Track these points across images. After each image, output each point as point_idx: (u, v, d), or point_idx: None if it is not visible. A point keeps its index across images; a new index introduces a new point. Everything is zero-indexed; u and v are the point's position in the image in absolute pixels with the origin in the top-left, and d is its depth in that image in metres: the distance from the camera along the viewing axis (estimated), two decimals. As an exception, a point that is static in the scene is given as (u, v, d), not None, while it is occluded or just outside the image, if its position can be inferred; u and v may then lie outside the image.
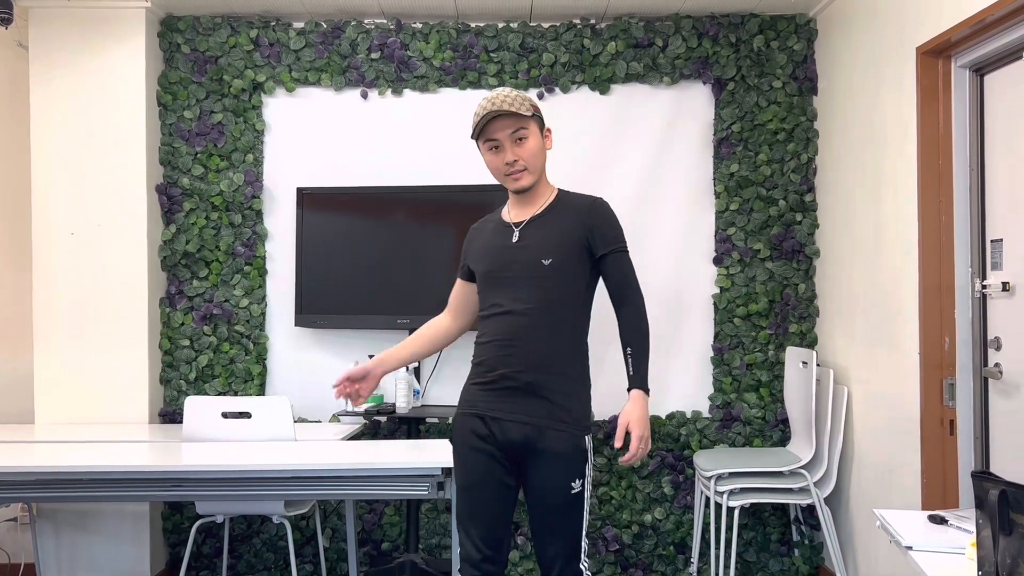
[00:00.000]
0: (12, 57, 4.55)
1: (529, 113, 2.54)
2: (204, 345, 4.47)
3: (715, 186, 4.52)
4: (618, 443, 2.44)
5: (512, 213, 2.68)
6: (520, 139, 2.54)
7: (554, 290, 2.54)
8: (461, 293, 2.83)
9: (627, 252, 2.61)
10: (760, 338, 4.51)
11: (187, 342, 4.47)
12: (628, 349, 2.54)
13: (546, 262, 2.53)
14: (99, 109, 4.30)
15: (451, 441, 2.70)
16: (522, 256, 2.57)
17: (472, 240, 2.77)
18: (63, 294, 4.30)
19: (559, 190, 2.69)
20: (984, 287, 3.18)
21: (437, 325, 2.85)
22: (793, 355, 4.32)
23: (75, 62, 4.29)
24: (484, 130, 2.56)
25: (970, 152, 3.23)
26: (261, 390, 4.51)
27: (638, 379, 2.51)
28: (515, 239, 2.60)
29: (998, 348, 3.10)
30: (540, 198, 2.65)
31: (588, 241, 2.57)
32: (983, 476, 1.83)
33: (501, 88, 2.65)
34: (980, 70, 3.20)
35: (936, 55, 3.27)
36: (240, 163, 4.50)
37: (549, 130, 2.66)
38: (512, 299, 2.55)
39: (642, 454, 2.46)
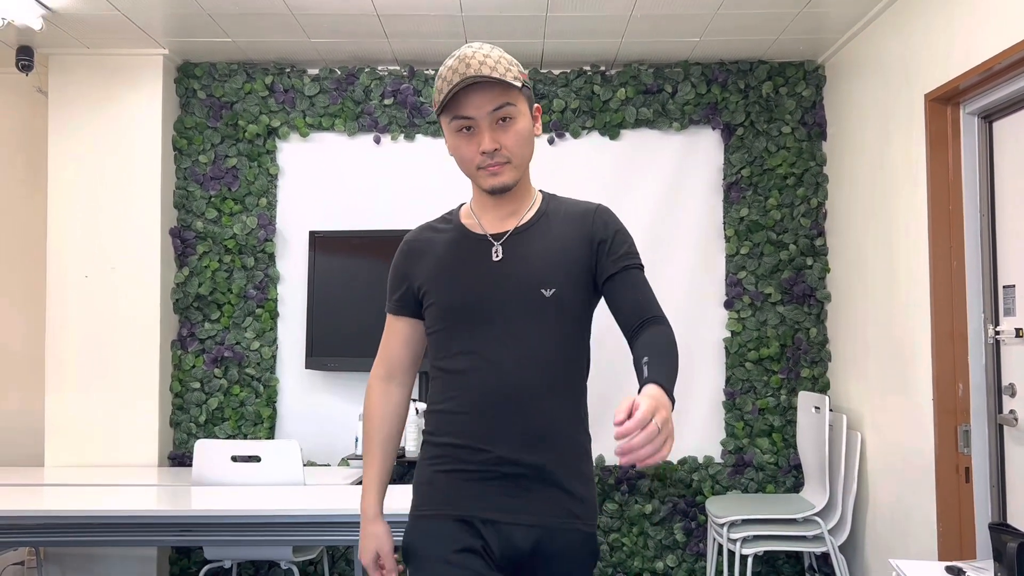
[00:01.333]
0: (31, 103, 4.63)
1: (518, 83, 1.76)
2: (214, 388, 4.48)
3: (725, 230, 4.53)
4: (620, 415, 1.36)
5: (485, 221, 1.87)
6: (504, 119, 1.75)
7: (557, 331, 1.78)
8: (403, 338, 1.94)
9: (644, 270, 1.89)
10: (772, 382, 4.48)
11: (198, 385, 4.47)
12: (645, 358, 1.63)
13: (547, 292, 1.77)
14: (115, 153, 4.36)
15: (406, 555, 1.82)
16: (510, 283, 1.78)
17: (414, 257, 1.90)
18: (75, 337, 4.32)
19: (542, 192, 1.93)
20: (997, 333, 3.16)
21: (390, 411, 1.95)
22: (805, 400, 4.29)
23: (93, 107, 4.36)
24: (454, 103, 1.74)
25: (980, 198, 3.23)
26: (271, 433, 4.50)
27: (655, 377, 1.57)
28: (496, 257, 1.81)
29: (1012, 394, 3.07)
30: (523, 202, 1.87)
31: (594, 260, 1.83)
32: (1001, 528, 1.81)
33: (478, 45, 1.76)
34: (988, 117, 3.22)
35: (944, 102, 3.30)
36: (254, 207, 4.54)
37: (539, 109, 1.87)
38: (498, 345, 1.76)
39: (662, 456, 1.37)
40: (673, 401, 1.52)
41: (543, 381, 1.76)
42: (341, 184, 4.60)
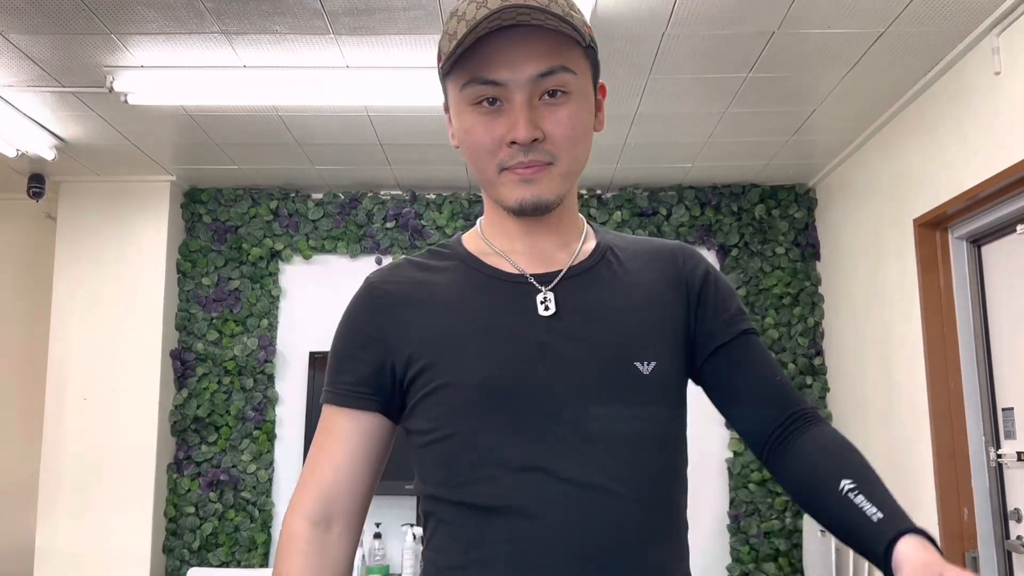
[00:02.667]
0: (40, 227, 4.73)
1: (583, 39, 1.06)
2: (209, 512, 4.41)
3: (724, 350, 4.54)
4: None
5: (515, 255, 1.15)
6: (554, 92, 1.05)
7: (664, 429, 1.12)
8: (355, 448, 1.15)
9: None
10: (776, 504, 4.41)
11: (192, 509, 4.40)
12: (850, 485, 1.03)
13: (645, 367, 1.09)
14: (120, 277, 4.42)
15: None
16: (579, 352, 1.07)
17: (392, 308, 1.15)
18: (71, 461, 4.28)
19: (587, 222, 1.23)
20: (999, 456, 3.14)
21: (328, 565, 1.15)
22: (811, 523, 4.21)
23: (100, 232, 4.45)
24: (473, 57, 1.04)
25: (973, 320, 3.26)
26: (265, 560, 4.40)
27: (901, 518, 1.01)
28: (546, 310, 1.09)
29: (1019, 520, 3.02)
30: (572, 231, 1.18)
31: (693, 319, 1.18)
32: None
33: None
34: (977, 241, 3.28)
35: (933, 227, 3.36)
36: (255, 328, 4.57)
37: (604, 88, 1.16)
38: (571, 457, 1.03)
39: None
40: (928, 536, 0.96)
41: (650, 518, 1.05)
42: (343, 305, 4.60)
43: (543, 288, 1.10)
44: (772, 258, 4.58)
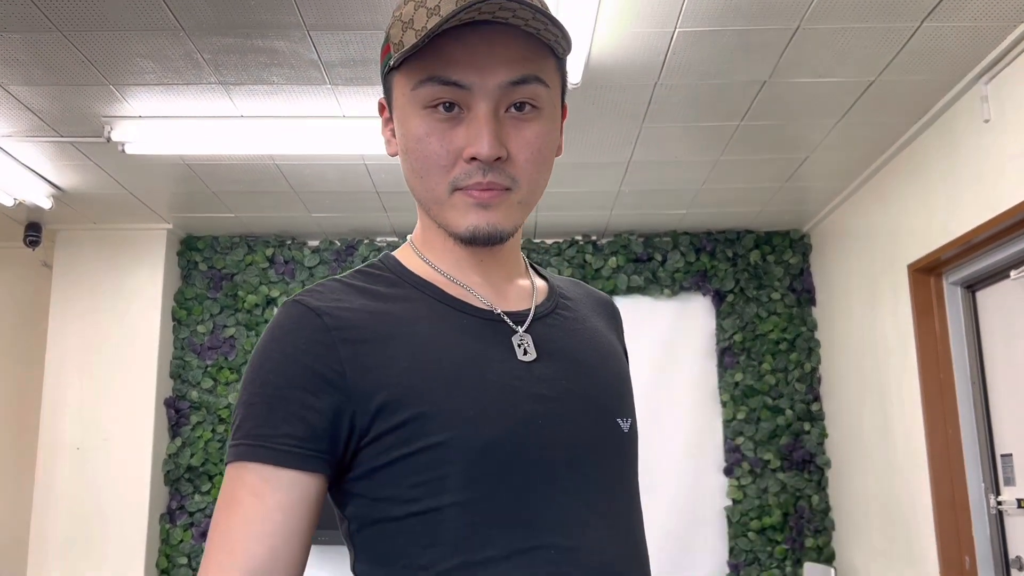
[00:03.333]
0: (36, 276, 4.72)
1: (560, 46, 0.91)
2: (202, 563, 4.34)
3: (721, 395, 4.53)
4: None
5: (476, 287, 0.97)
6: (522, 106, 0.90)
7: (638, 491, 1.00)
8: (289, 518, 0.84)
9: None
10: (776, 553, 4.36)
11: (185, 560, 4.34)
12: None
13: (625, 424, 0.98)
14: (115, 325, 4.41)
15: None
16: (564, 404, 0.93)
17: (353, 343, 0.87)
18: (62, 512, 4.23)
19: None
20: (999, 503, 3.11)
21: None
22: (811, 572, 4.16)
23: (96, 280, 4.45)
24: (432, 51, 0.87)
25: (969, 366, 3.25)
26: (258, 611, 4.32)
27: None
28: (525, 354, 0.93)
29: (1020, 568, 2.99)
30: (517, 264, 1.04)
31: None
32: None
33: None
34: (972, 287, 3.29)
35: (927, 272, 3.38)
36: (249, 376, 4.54)
37: (566, 108, 1.00)
38: (575, 524, 0.88)
39: None
40: None
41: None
42: (337, 352, 4.62)
43: (518, 329, 0.94)
44: (768, 304, 4.59)
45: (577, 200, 4.18)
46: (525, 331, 0.94)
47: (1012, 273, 2.94)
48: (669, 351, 4.60)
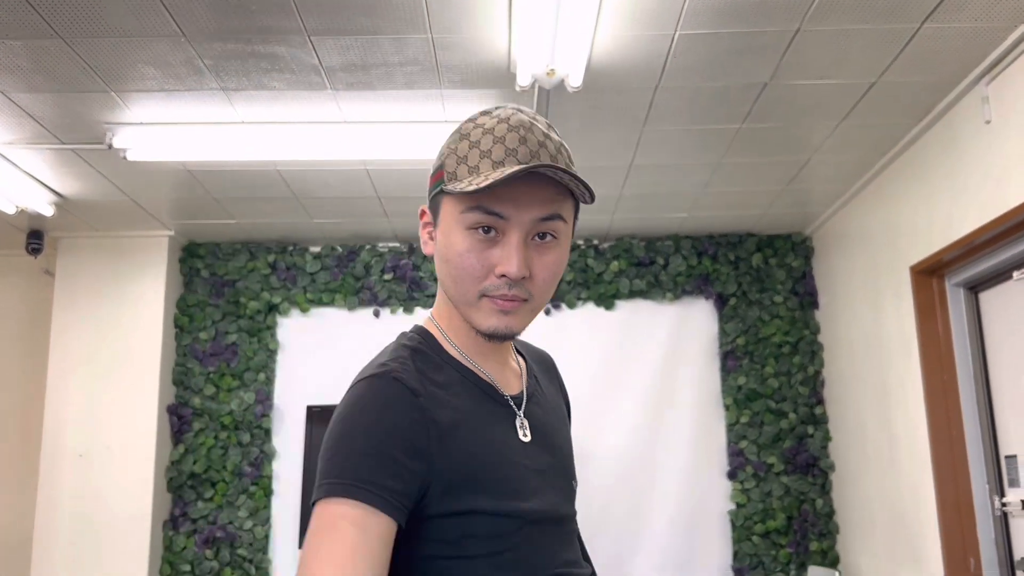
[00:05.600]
0: (38, 284, 4.73)
1: (583, 196, 1.12)
2: (205, 570, 4.34)
3: (724, 398, 4.52)
4: None
5: (491, 371, 1.19)
6: (545, 236, 1.11)
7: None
8: (380, 558, 0.99)
9: None
10: (781, 557, 4.35)
11: (188, 567, 4.33)
12: None
13: (575, 484, 1.28)
14: (118, 332, 4.41)
15: None
16: (554, 475, 1.20)
17: (432, 421, 1.07)
18: (65, 518, 4.22)
19: None
20: (1004, 505, 3.10)
21: None
22: (816, 575, 4.15)
23: (98, 287, 4.45)
24: (493, 199, 1.08)
25: (973, 367, 3.25)
26: (262, 618, 4.32)
27: None
28: (524, 436, 1.17)
29: (1027, 570, 2.98)
30: (510, 347, 1.27)
31: None
32: None
33: (530, 112, 1.16)
34: (974, 288, 3.28)
35: (929, 274, 3.37)
36: (252, 382, 4.55)
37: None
38: (575, 569, 1.20)
39: None
40: None
41: None
42: (340, 358, 4.63)
43: (518, 412, 1.18)
44: (770, 307, 4.58)
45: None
46: (524, 414, 1.19)
47: (1015, 274, 2.93)
48: (671, 355, 4.60)
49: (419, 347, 1.15)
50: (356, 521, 0.98)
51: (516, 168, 1.04)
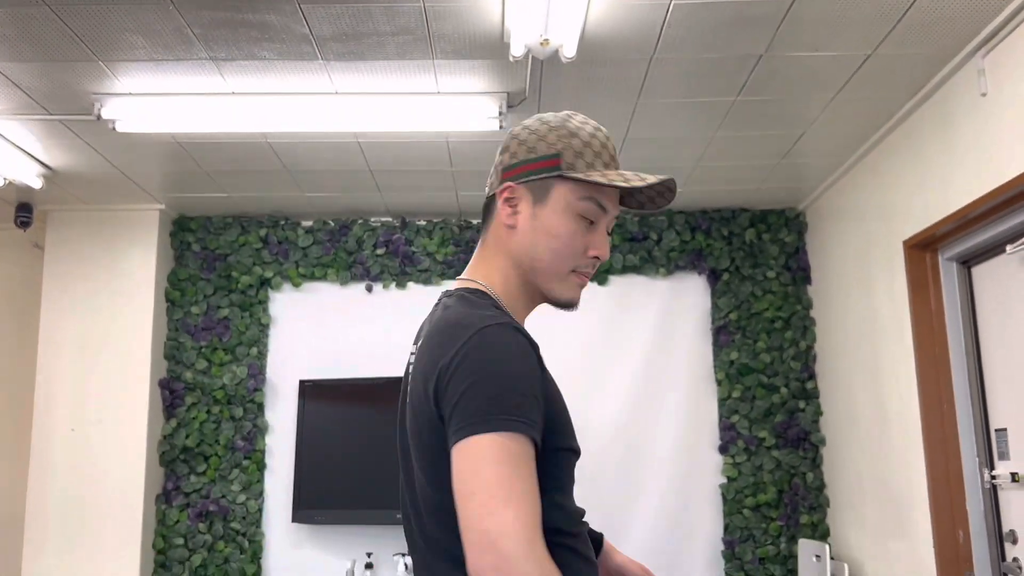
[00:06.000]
0: (27, 257, 4.70)
1: (650, 206, 1.42)
2: (198, 544, 4.34)
3: (716, 373, 4.53)
4: None
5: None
6: (611, 230, 1.42)
7: None
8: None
9: None
10: (771, 530, 4.37)
11: (181, 540, 4.34)
12: None
13: None
14: (109, 306, 4.39)
15: None
16: None
17: (544, 373, 1.28)
18: (58, 493, 4.22)
19: None
20: (994, 477, 3.12)
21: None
22: (806, 548, 4.18)
23: (88, 261, 4.42)
24: (603, 189, 1.32)
25: (965, 341, 3.25)
26: (255, 591, 4.33)
27: None
28: None
29: (1014, 542, 3.00)
30: None
31: None
32: None
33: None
34: (967, 263, 3.28)
35: (923, 248, 3.37)
36: (244, 356, 4.53)
37: None
38: None
39: None
40: None
41: None
42: (332, 332, 4.62)
43: None
44: (763, 282, 4.58)
45: (572, 178, 4.16)
46: None
47: (1008, 247, 2.93)
48: (664, 330, 4.60)
49: (496, 312, 1.28)
50: (525, 456, 1.14)
51: (657, 178, 1.31)
